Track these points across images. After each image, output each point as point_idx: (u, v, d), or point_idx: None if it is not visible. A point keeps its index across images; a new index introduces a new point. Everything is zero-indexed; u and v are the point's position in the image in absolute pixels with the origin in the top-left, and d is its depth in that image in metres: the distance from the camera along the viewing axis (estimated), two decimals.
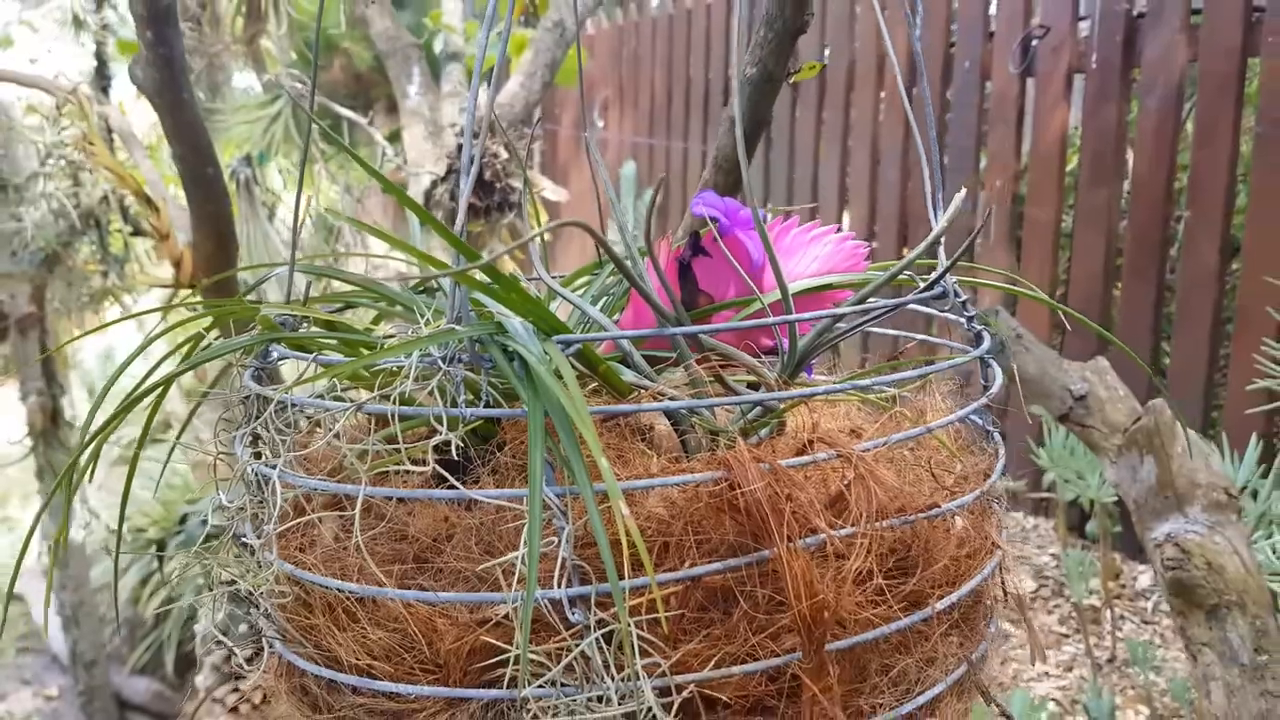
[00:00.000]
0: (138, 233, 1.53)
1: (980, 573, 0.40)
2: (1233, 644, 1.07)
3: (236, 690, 1.37)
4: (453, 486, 0.38)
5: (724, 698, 0.34)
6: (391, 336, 0.52)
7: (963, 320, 0.47)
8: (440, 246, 1.77)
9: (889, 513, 0.36)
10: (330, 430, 0.36)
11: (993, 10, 2.74)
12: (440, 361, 0.34)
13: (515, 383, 0.33)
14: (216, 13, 1.44)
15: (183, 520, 2.39)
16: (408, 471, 0.39)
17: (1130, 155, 2.53)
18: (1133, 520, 1.11)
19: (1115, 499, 1.92)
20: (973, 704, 0.45)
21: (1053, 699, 1.90)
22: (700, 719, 0.35)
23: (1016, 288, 0.51)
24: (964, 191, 0.43)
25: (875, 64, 3.10)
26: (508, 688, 0.33)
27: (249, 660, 0.42)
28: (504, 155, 1.36)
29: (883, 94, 3.06)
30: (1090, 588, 2.25)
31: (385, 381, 0.35)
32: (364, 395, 0.43)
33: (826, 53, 3.26)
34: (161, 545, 2.65)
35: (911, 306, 0.46)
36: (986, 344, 0.43)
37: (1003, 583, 0.45)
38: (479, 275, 0.40)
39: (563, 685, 0.33)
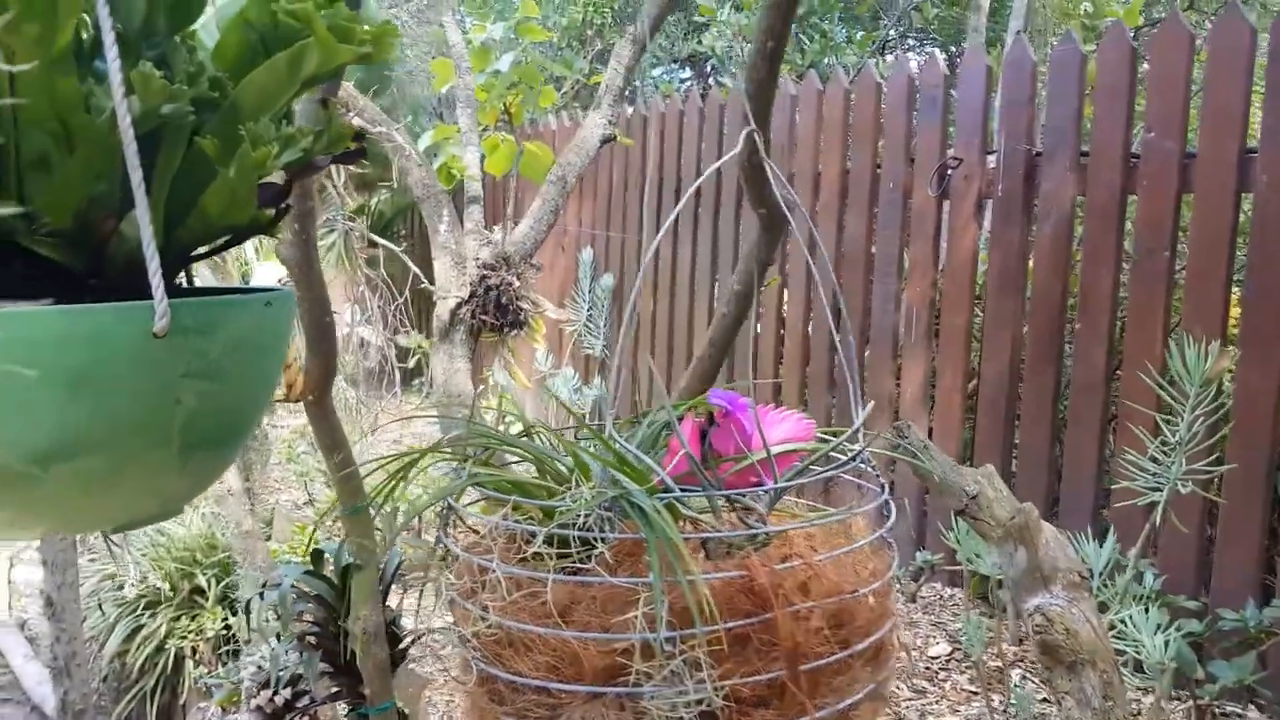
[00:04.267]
0: None
1: (882, 629, 0.70)
2: (1087, 692, 1.38)
3: None
4: (574, 572, 0.67)
5: (745, 694, 0.64)
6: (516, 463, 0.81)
7: (875, 474, 0.78)
8: None
9: (831, 594, 0.66)
10: (533, 543, 0.65)
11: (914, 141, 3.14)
12: (596, 508, 0.64)
13: (638, 520, 0.62)
14: None
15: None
16: (556, 565, 0.68)
17: (1031, 270, 2.91)
18: (1011, 594, 1.43)
19: None
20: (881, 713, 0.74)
21: None
22: (733, 707, 0.64)
23: (903, 455, 0.82)
24: (872, 403, 0.74)
25: (811, 181, 3.46)
26: (632, 686, 0.62)
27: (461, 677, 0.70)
28: (516, 283, 1.66)
29: (817, 204, 3.43)
30: (997, 651, 2.57)
31: (561, 515, 0.65)
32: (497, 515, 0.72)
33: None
34: (153, 603, 2.84)
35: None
36: (885, 494, 0.74)
37: (897, 636, 0.75)
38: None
39: (661, 685, 0.62)
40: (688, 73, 9.07)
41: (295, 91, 0.57)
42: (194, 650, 2.82)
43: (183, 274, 0.67)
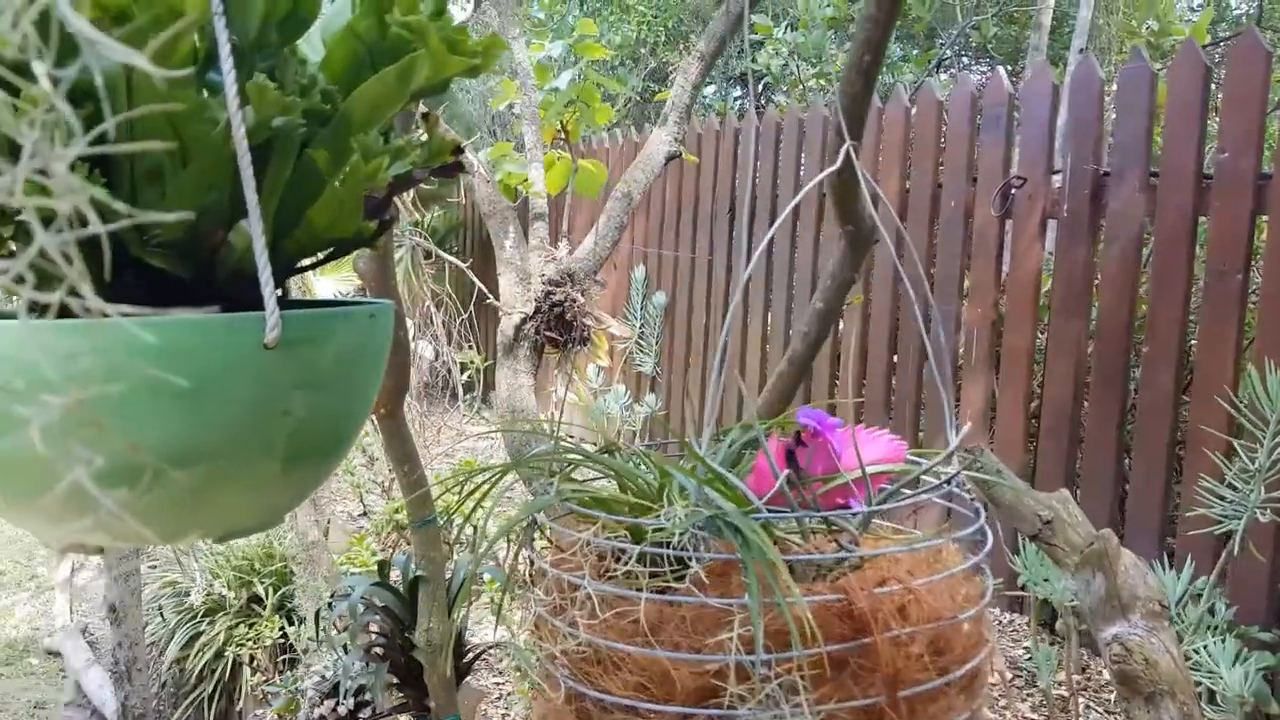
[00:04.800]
0: None
1: (978, 656, 0.69)
2: None
3: None
4: (661, 591, 0.66)
5: (840, 719, 0.62)
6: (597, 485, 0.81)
7: (968, 497, 0.76)
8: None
9: (930, 619, 0.64)
10: (626, 561, 0.64)
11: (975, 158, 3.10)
12: (689, 526, 0.63)
13: (734, 540, 0.62)
14: None
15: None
16: (648, 582, 0.67)
17: (1097, 291, 2.86)
18: (1088, 623, 1.39)
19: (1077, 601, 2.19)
20: None
21: None
22: None
23: (996, 479, 0.80)
24: (969, 424, 0.72)
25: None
26: (726, 709, 0.61)
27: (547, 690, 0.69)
28: (581, 300, 1.66)
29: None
30: (1059, 679, 2.51)
31: (654, 534, 0.64)
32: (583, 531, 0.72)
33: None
34: (212, 610, 2.88)
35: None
36: (981, 520, 0.72)
37: (991, 663, 0.73)
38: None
39: (756, 708, 0.60)
40: (739, 91, 9.08)
41: (403, 104, 0.57)
42: (251, 658, 2.85)
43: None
